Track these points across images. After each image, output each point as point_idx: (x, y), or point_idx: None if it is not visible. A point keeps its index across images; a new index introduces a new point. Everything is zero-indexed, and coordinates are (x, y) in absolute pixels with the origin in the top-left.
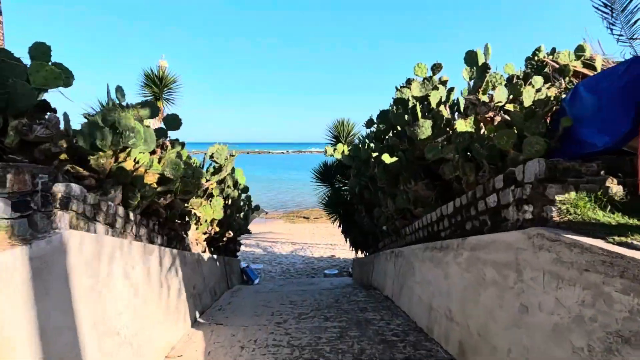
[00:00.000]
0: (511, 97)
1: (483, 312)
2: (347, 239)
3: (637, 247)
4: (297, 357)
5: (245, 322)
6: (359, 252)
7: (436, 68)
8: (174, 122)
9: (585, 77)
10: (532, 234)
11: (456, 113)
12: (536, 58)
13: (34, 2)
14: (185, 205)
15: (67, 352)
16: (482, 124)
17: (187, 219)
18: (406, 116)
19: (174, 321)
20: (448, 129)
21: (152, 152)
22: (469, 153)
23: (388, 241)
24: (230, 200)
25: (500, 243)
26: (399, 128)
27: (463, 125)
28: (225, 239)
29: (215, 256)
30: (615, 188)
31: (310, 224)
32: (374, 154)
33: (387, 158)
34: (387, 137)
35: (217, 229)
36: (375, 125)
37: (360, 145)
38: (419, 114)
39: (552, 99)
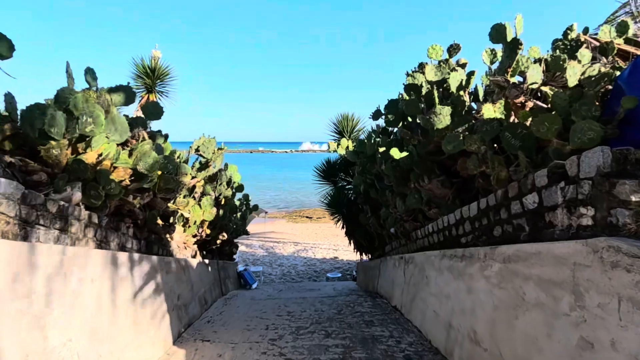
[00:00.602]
0: (543, 80)
1: (522, 340)
2: (351, 241)
3: None
4: None
5: (236, 337)
6: (364, 255)
7: (453, 49)
8: (154, 110)
9: (635, 56)
10: (600, 246)
11: (474, 103)
12: (569, 37)
13: None
14: (169, 205)
15: None
16: (511, 111)
17: (171, 220)
18: (420, 104)
19: (150, 340)
20: (470, 117)
21: (126, 144)
22: (495, 145)
23: (396, 245)
24: (223, 200)
25: (548, 255)
26: (409, 119)
27: (491, 111)
28: (219, 241)
29: (207, 261)
30: None
31: (313, 224)
32: (381, 149)
33: (396, 153)
34: (396, 129)
35: (209, 231)
36: (383, 117)
37: (365, 140)
38: (436, 100)
39: (605, 76)
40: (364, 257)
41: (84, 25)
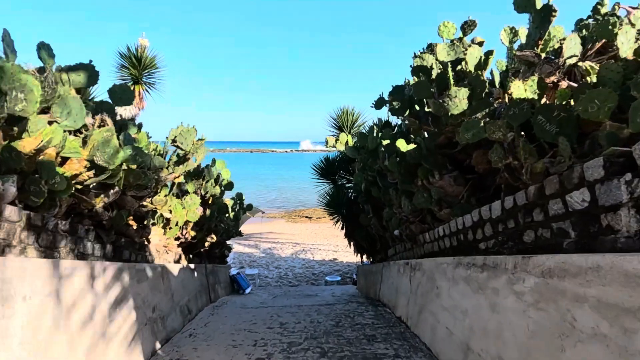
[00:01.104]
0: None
1: None
2: (351, 244)
3: None
4: None
5: (219, 356)
6: (364, 257)
7: (468, 27)
8: (123, 95)
9: None
10: None
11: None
12: (601, 12)
13: None
14: (144, 204)
15: None
16: (544, 91)
17: (146, 221)
18: (431, 87)
19: None
20: (491, 100)
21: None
22: (522, 132)
23: (401, 248)
24: (210, 199)
25: (614, 272)
26: (417, 107)
27: (521, 90)
28: (207, 244)
29: (192, 266)
30: None
31: (313, 224)
32: (385, 142)
33: (402, 145)
34: (400, 121)
35: (194, 233)
36: (387, 105)
37: (367, 133)
38: (451, 81)
39: None
40: (365, 260)
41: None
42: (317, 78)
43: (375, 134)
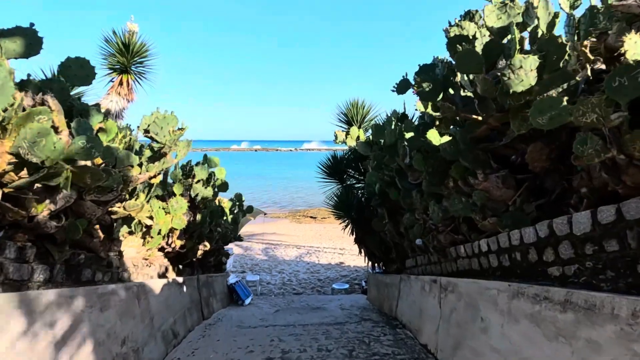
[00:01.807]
0: None
1: None
2: (361, 250)
3: None
4: None
5: None
6: (376, 266)
7: None
8: (80, 70)
9: None
10: None
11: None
12: None
13: None
14: (111, 210)
15: None
16: None
17: (114, 231)
18: (480, 59)
19: None
20: (572, 73)
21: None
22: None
23: (423, 260)
24: (202, 202)
25: None
26: (451, 91)
27: (639, 48)
28: (200, 252)
29: (181, 279)
30: None
31: (317, 225)
32: (407, 135)
33: (434, 137)
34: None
35: (181, 242)
36: (413, 88)
37: (383, 125)
38: (516, 45)
39: None
40: (376, 268)
41: None
42: (319, 74)
43: (393, 127)
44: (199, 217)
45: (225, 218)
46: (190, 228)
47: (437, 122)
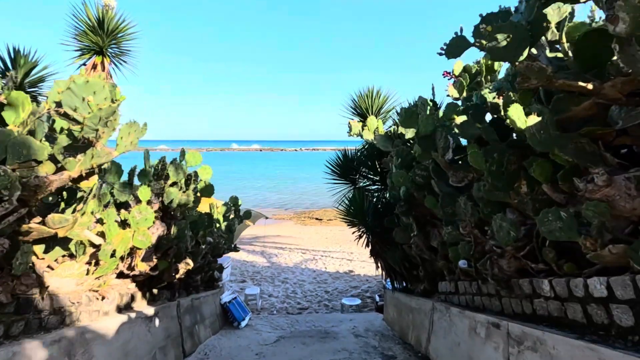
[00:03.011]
0: None
1: None
2: (378, 264)
3: None
4: None
5: None
6: (395, 281)
7: None
8: None
9: None
10: None
11: None
12: None
13: None
14: (20, 230)
15: None
16: None
17: (19, 259)
18: None
19: None
20: None
21: None
22: None
23: (470, 288)
24: (180, 210)
25: None
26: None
27: None
28: (181, 272)
29: (151, 310)
30: None
31: (323, 227)
32: (459, 119)
33: (517, 114)
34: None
35: (149, 264)
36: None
37: (417, 108)
38: None
39: None
40: (395, 284)
41: None
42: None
43: (429, 111)
44: (174, 230)
45: (218, 226)
46: (162, 244)
47: (500, 101)
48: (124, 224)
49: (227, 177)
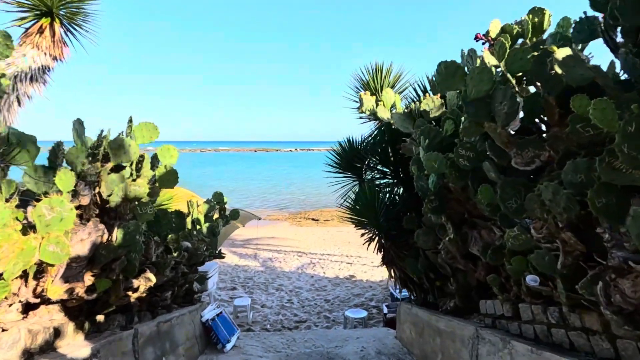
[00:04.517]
0: None
1: None
2: (391, 273)
3: None
4: None
5: None
6: (412, 292)
7: None
8: None
9: None
10: None
11: None
12: None
13: None
14: None
15: None
16: None
17: None
18: None
19: None
20: None
21: None
22: None
23: (544, 316)
24: (127, 207)
25: None
26: None
27: None
28: (142, 288)
29: (85, 351)
30: None
31: (320, 228)
32: (561, 53)
33: None
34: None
35: (62, 289)
36: None
37: (464, 63)
38: None
39: None
40: (410, 293)
41: None
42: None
43: (484, 69)
44: (119, 234)
45: (198, 228)
46: (100, 255)
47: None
48: (27, 229)
49: (221, 177)
